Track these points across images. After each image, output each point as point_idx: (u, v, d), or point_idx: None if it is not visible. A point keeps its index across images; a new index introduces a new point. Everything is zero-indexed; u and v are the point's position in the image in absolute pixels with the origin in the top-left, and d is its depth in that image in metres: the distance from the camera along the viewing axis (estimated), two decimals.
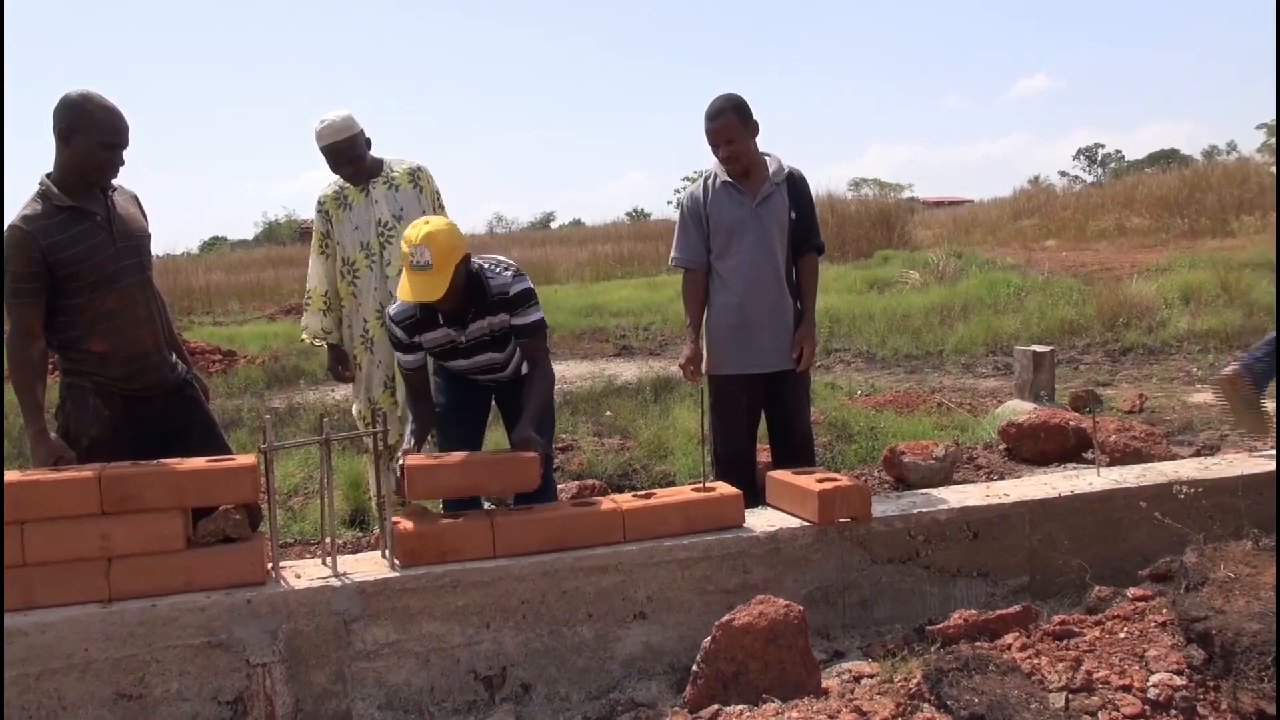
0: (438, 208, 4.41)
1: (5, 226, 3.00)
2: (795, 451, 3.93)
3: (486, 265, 3.34)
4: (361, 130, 4.24)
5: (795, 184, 3.91)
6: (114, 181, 3.18)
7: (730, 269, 3.85)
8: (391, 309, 3.39)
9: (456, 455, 3.23)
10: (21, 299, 2.98)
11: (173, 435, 3.21)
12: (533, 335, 3.38)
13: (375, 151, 4.36)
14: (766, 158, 3.91)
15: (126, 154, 3.14)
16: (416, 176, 4.37)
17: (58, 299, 3.03)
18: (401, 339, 3.36)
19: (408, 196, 4.32)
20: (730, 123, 3.73)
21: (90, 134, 3.02)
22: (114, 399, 3.16)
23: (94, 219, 3.08)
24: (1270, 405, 3.89)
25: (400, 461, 3.15)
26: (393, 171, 4.35)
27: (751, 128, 3.80)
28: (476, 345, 3.41)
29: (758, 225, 3.82)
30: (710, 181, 3.90)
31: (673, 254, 3.98)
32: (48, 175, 3.10)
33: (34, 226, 2.98)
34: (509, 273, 3.34)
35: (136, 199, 3.33)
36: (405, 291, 3.15)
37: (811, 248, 3.97)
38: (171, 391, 3.30)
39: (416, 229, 3.14)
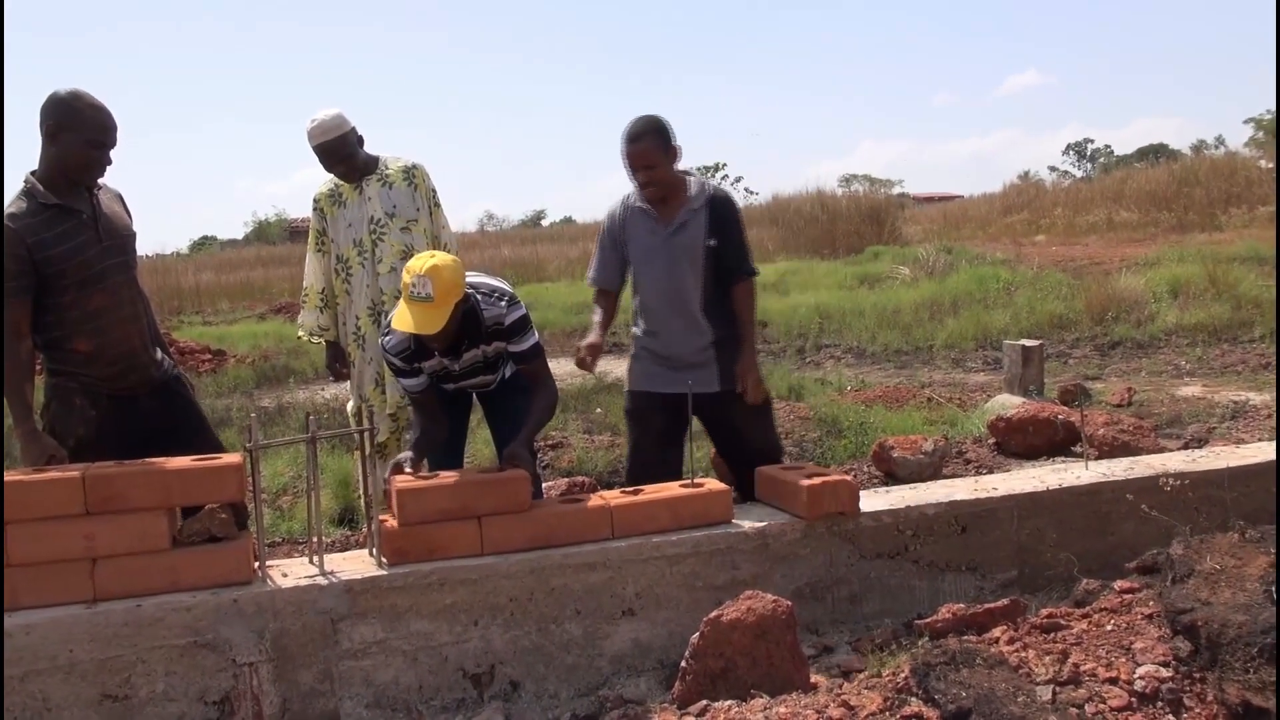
0: (433, 205, 4.39)
1: None
2: (754, 465, 3.66)
3: (481, 296, 3.27)
4: (353, 128, 4.23)
5: (716, 209, 3.64)
6: (99, 180, 3.15)
7: (643, 296, 3.74)
8: (386, 341, 3.32)
9: (446, 477, 3.14)
10: (12, 295, 2.95)
11: (161, 433, 3.19)
12: (532, 360, 3.35)
13: (371, 149, 4.35)
14: (688, 178, 3.68)
15: (113, 153, 3.12)
16: (411, 174, 4.35)
17: (43, 298, 3.01)
18: (401, 367, 3.31)
19: (401, 194, 4.30)
20: (651, 147, 3.51)
21: (78, 132, 3.01)
22: (100, 399, 3.14)
23: (80, 217, 3.05)
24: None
25: (389, 476, 3.13)
26: (387, 169, 4.33)
27: (673, 152, 3.58)
28: (469, 371, 3.40)
29: (667, 254, 3.63)
30: (628, 201, 3.73)
31: (589, 273, 3.83)
32: (32, 173, 3.07)
33: (20, 224, 2.95)
34: (504, 302, 3.29)
35: (121, 197, 3.31)
36: (402, 322, 3.05)
37: (742, 274, 3.69)
38: (158, 389, 3.28)
39: (421, 261, 3.04)
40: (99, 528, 2.71)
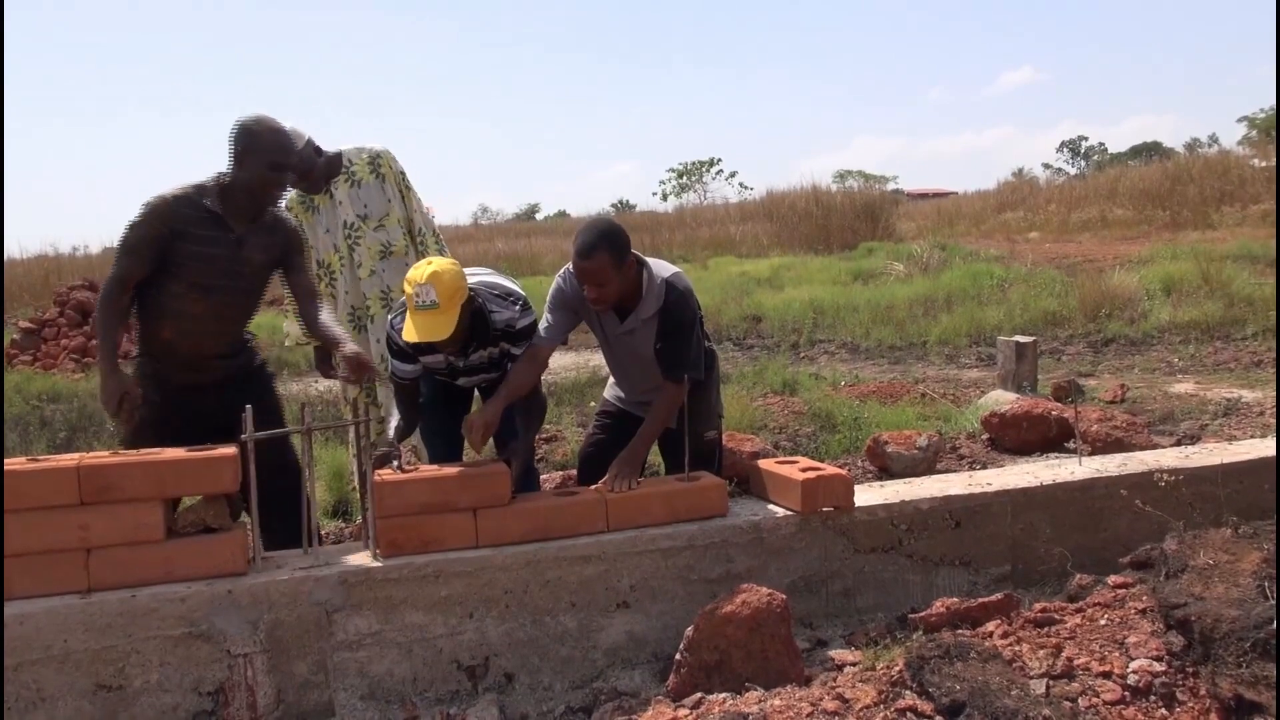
0: (404, 189, 4.27)
1: (145, 202, 3.18)
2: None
3: (494, 297, 3.27)
4: (309, 140, 4.10)
5: (666, 320, 3.38)
6: (276, 204, 3.39)
7: (606, 356, 3.72)
8: (395, 321, 3.29)
9: (427, 470, 3.16)
10: (133, 254, 3.16)
11: (226, 427, 3.11)
12: None
13: (348, 144, 4.26)
14: (643, 276, 3.37)
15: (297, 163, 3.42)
16: (377, 164, 4.23)
17: (159, 275, 3.20)
18: (402, 347, 3.29)
19: (370, 190, 4.20)
20: (602, 265, 3.20)
21: (260, 155, 3.22)
22: (169, 387, 3.27)
23: (229, 235, 3.25)
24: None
25: (373, 467, 3.12)
26: (352, 165, 4.21)
27: (628, 264, 3.28)
28: (474, 369, 3.39)
29: (622, 344, 3.53)
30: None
31: (539, 332, 3.42)
32: (220, 177, 3.26)
33: (177, 205, 3.18)
34: (517, 306, 3.30)
35: (289, 236, 3.47)
36: (411, 333, 3.04)
37: (670, 376, 3.36)
38: (230, 382, 3.34)
39: (419, 270, 3.05)
40: (94, 518, 2.70)
